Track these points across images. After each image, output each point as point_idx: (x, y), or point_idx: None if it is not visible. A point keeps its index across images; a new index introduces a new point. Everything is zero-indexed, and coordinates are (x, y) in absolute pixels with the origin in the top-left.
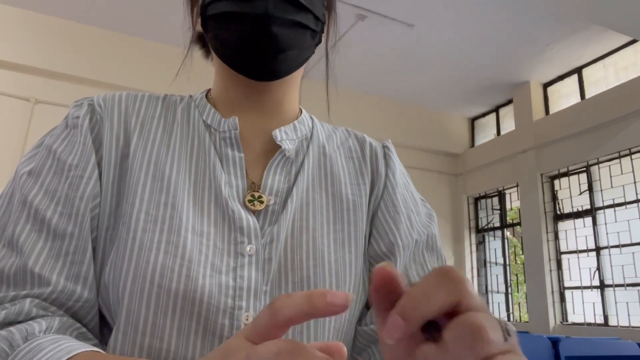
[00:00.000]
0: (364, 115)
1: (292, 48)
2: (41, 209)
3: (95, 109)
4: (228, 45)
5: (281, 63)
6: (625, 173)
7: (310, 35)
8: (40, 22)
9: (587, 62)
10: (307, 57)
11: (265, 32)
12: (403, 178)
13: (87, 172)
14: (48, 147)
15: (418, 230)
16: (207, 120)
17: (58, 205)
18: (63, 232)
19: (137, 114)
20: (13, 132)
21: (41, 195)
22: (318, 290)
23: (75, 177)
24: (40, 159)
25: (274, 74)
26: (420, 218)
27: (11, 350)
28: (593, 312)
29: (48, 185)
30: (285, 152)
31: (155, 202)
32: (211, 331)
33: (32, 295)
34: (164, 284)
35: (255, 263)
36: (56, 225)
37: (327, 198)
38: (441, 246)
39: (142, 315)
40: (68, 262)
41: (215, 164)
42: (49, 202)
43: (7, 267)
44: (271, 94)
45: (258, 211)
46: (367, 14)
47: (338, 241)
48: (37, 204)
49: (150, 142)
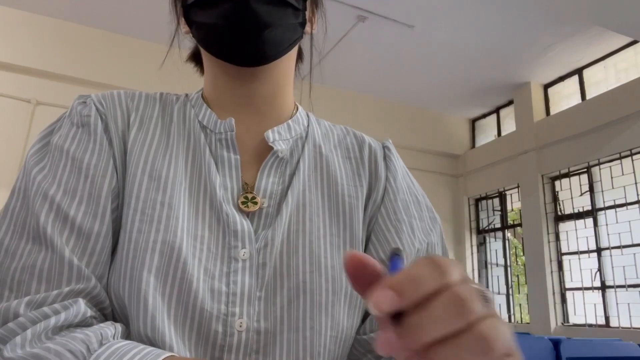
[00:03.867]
0: (364, 116)
1: (274, 25)
2: (64, 206)
3: (99, 108)
4: (211, 31)
5: (266, 44)
6: (626, 174)
7: (293, 14)
8: (42, 24)
9: (588, 63)
10: (293, 39)
11: (244, 8)
12: (405, 180)
13: (108, 171)
14: (59, 147)
15: (420, 239)
16: (202, 121)
17: (81, 205)
18: (89, 231)
19: (135, 113)
20: (14, 134)
21: (61, 193)
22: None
23: (96, 176)
24: (52, 159)
25: (261, 57)
26: (423, 224)
27: (88, 354)
28: (594, 313)
29: (66, 185)
30: (278, 153)
31: (152, 202)
32: (204, 338)
33: (77, 291)
34: (158, 287)
35: (249, 268)
36: (81, 223)
37: (324, 200)
38: (445, 250)
39: (141, 319)
40: (93, 263)
41: (210, 166)
42: (71, 201)
43: (40, 262)
44: (262, 89)
45: (252, 214)
46: (368, 15)
47: (334, 245)
48: (59, 200)
49: (147, 141)
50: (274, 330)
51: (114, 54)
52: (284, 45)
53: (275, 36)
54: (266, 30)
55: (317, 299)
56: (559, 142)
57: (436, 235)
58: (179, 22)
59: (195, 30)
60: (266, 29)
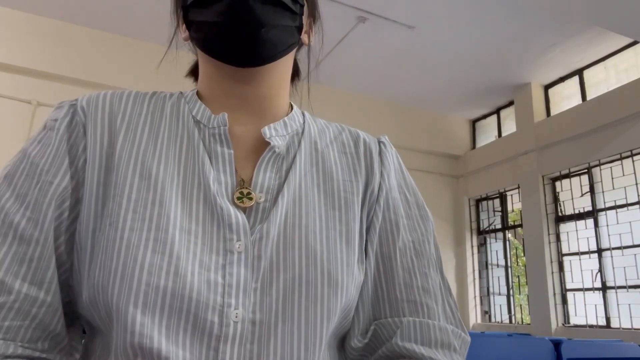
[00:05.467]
0: (364, 117)
1: (271, 25)
2: (10, 212)
3: (77, 111)
4: (208, 30)
5: (263, 45)
6: (626, 174)
7: (290, 17)
8: (43, 25)
9: (588, 63)
10: (289, 43)
11: (241, 6)
12: (397, 177)
13: (57, 177)
14: (24, 149)
15: (404, 238)
16: (196, 116)
17: (27, 210)
18: (29, 238)
19: (123, 113)
20: (15, 135)
21: (13, 199)
22: None
23: (45, 182)
24: (15, 162)
25: (258, 58)
26: (410, 222)
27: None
28: (595, 314)
29: (20, 189)
30: (275, 148)
31: (143, 201)
32: (200, 329)
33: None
34: (152, 282)
35: (245, 260)
36: (23, 230)
37: (320, 195)
38: (437, 247)
39: (130, 314)
40: (32, 268)
41: (204, 161)
42: (19, 206)
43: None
44: (258, 89)
45: (248, 208)
46: (368, 16)
47: (331, 239)
48: (7, 207)
49: (137, 140)
50: (269, 322)
51: (115, 55)
52: (279, 47)
53: (271, 36)
54: (262, 29)
55: (313, 292)
56: (560, 143)
57: (425, 232)
58: (179, 24)
59: (193, 32)
60: (262, 28)
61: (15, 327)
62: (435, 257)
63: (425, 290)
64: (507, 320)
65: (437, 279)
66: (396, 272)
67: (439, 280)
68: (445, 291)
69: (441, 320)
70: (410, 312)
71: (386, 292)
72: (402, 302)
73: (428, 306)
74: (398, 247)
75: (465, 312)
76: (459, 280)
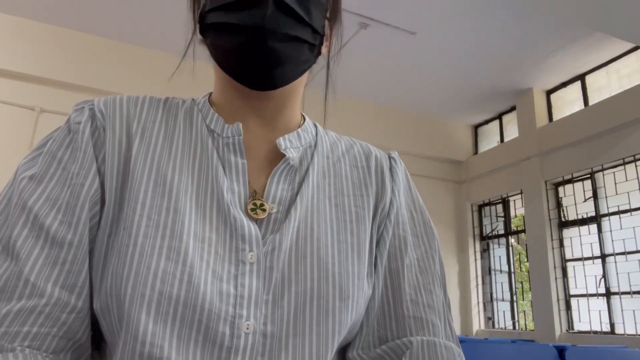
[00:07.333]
0: (367, 123)
1: (288, 62)
2: (41, 215)
3: (96, 114)
4: (225, 56)
5: (278, 76)
6: (630, 180)
7: (309, 49)
8: (45, 32)
9: (590, 69)
10: (305, 69)
11: (261, 46)
12: (406, 195)
13: (88, 180)
14: (52, 153)
15: (410, 255)
16: (210, 125)
17: (59, 213)
18: (62, 240)
19: (138, 118)
20: (18, 141)
21: (42, 201)
22: None
23: (76, 185)
24: (43, 165)
25: (272, 85)
26: (415, 239)
27: None
28: (599, 320)
29: (50, 192)
30: (290, 160)
31: (157, 208)
32: (211, 340)
33: (28, 308)
34: (164, 290)
35: (257, 271)
36: (55, 232)
37: (332, 207)
38: (441, 264)
39: (142, 322)
40: (64, 272)
41: (218, 170)
42: (50, 209)
43: (0, 272)
44: (272, 101)
45: (260, 219)
46: (370, 22)
47: (342, 252)
48: (37, 210)
49: (152, 146)
50: (280, 335)
51: (118, 61)
52: (296, 75)
53: (288, 70)
54: (279, 67)
55: (324, 305)
56: (562, 148)
57: (430, 249)
58: (195, 29)
59: (209, 45)
60: (280, 66)
61: (43, 334)
62: (440, 275)
63: (431, 307)
64: (510, 326)
65: (441, 296)
66: (403, 288)
67: (442, 298)
68: (446, 308)
69: (443, 337)
70: (417, 329)
71: (393, 307)
72: (408, 319)
73: (433, 323)
74: (405, 263)
75: (468, 318)
76: (462, 286)
